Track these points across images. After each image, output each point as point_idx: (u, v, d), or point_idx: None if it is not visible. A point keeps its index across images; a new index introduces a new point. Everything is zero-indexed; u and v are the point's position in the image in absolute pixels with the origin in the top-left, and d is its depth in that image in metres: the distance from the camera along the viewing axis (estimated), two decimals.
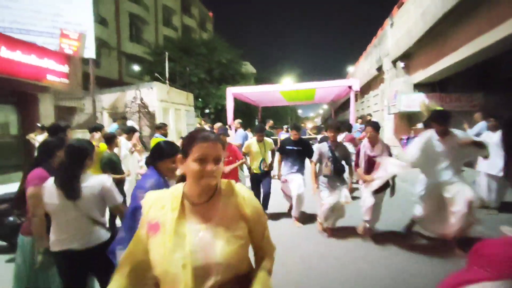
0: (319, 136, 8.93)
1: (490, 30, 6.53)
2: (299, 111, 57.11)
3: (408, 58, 11.17)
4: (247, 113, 22.62)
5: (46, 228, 1.97)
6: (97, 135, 4.40)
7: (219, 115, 19.63)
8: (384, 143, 3.72)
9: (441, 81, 10.74)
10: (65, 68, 8.15)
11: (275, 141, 7.57)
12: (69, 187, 1.82)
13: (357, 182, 5.25)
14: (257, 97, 11.67)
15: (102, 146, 4.16)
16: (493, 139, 4.60)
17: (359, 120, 10.14)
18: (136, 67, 22.01)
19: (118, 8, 20.92)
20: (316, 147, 4.16)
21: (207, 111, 21.53)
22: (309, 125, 14.13)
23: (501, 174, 4.51)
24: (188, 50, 18.85)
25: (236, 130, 7.26)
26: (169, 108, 14.04)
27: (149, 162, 1.92)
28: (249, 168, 4.72)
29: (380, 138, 3.78)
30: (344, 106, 22.46)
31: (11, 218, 3.66)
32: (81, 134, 8.99)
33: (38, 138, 6.13)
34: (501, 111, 10.34)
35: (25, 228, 2.14)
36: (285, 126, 14.17)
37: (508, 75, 10.79)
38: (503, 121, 1.09)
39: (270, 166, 4.70)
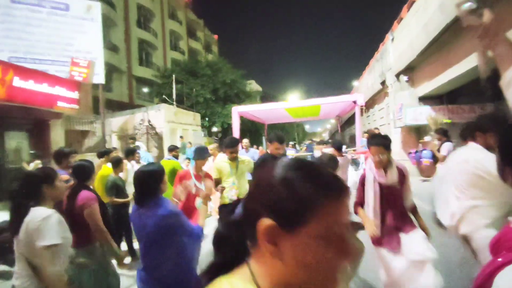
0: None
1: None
2: (306, 127, 57.18)
3: (412, 71, 11.17)
4: (253, 131, 22.79)
5: None
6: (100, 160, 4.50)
7: (226, 133, 19.87)
8: (398, 165, 2.30)
9: (450, 93, 10.64)
10: (75, 95, 8.47)
11: None
12: (11, 219, 1.61)
13: None
14: (262, 114, 11.77)
15: (107, 170, 4.23)
16: None
17: (365, 135, 10.06)
18: (145, 90, 22.73)
19: (128, 35, 21.86)
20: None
21: (214, 129, 21.83)
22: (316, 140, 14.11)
23: None
24: (194, 72, 19.42)
25: (247, 150, 7.26)
26: (177, 128, 14.27)
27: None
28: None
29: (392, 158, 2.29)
30: (350, 120, 22.40)
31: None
32: (91, 157, 9.20)
33: (31, 166, 5.48)
34: None
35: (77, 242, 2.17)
36: (290, 143, 14.14)
37: None
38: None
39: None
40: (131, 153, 5.00)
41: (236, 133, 9.15)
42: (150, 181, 1.82)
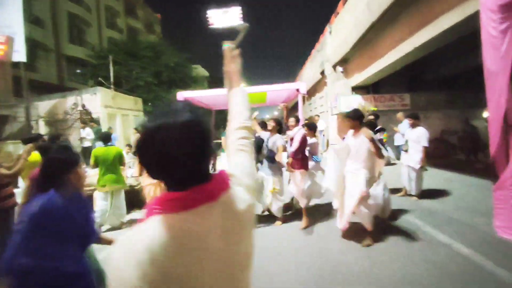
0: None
1: (410, 37, 7.39)
2: (255, 113, 58.14)
3: (346, 63, 12.19)
4: None
5: None
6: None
7: None
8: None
9: (375, 84, 11.92)
10: None
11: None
12: None
13: None
14: (209, 100, 11.71)
15: (36, 157, 3.97)
16: (412, 135, 5.34)
17: (306, 121, 10.82)
18: (79, 71, 20.57)
19: (55, 8, 19.39)
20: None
21: None
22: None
23: (418, 166, 5.26)
24: (133, 53, 18.22)
25: None
26: (116, 114, 13.44)
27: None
28: None
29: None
30: (295, 107, 23.48)
31: None
32: (13, 146, 8.26)
33: None
34: (427, 109, 11.81)
35: None
36: None
37: (431, 76, 12.40)
38: None
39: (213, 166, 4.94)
40: (107, 138, 4.86)
41: None
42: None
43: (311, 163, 4.58)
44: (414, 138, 5.28)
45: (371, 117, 5.40)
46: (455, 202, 5.16)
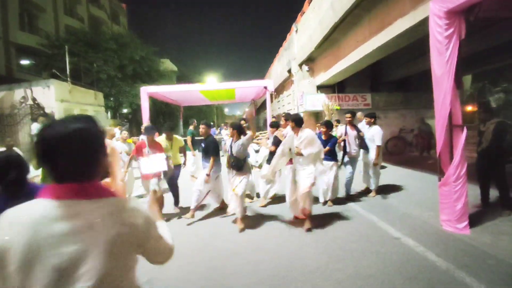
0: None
1: (370, 39, 7.67)
2: (226, 110, 57.45)
3: (312, 62, 12.43)
4: (168, 112, 21.78)
5: None
6: None
7: (136, 115, 18.41)
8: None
9: (340, 83, 12.29)
10: None
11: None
12: None
13: None
14: (177, 96, 11.34)
15: None
16: (368, 134, 5.58)
17: (273, 119, 10.86)
18: (30, 61, 18.86)
19: None
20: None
21: (125, 110, 19.93)
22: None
23: (371, 163, 5.51)
24: (95, 44, 17.10)
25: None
26: (73, 109, 12.54)
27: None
28: None
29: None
30: (264, 105, 23.59)
31: None
32: None
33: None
34: (386, 109, 12.40)
35: None
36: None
37: (389, 77, 13.04)
38: None
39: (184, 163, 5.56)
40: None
41: (145, 115, 8.61)
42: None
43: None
44: (369, 136, 5.52)
45: (348, 115, 5.59)
46: (408, 197, 5.48)
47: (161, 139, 5.26)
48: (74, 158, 0.86)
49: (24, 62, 18.35)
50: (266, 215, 4.72)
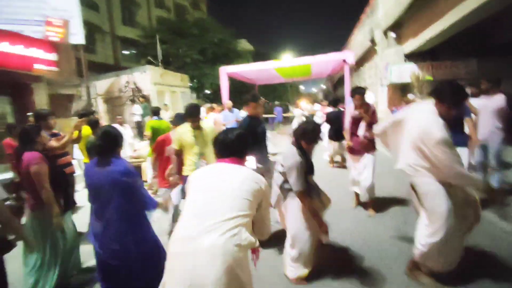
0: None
1: None
2: (301, 87, 55.97)
3: (399, 28, 10.95)
4: (245, 92, 22.54)
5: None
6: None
7: (217, 95, 19.66)
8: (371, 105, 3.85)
9: (432, 50, 10.57)
10: (53, 56, 8.27)
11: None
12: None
13: None
14: (252, 75, 11.58)
15: (87, 131, 4.41)
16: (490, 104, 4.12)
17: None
18: (132, 51, 21.94)
19: None
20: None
21: (207, 91, 21.52)
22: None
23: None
24: (180, 31, 18.68)
25: (230, 110, 7.18)
26: (165, 91, 14.17)
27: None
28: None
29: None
30: (342, 80, 22.20)
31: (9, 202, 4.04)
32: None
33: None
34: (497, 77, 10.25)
35: (32, 205, 2.45)
36: (276, 102, 14.28)
37: (504, 39, 10.55)
38: None
39: None
40: (157, 112, 5.52)
41: (225, 94, 9.13)
42: (113, 141, 2.07)
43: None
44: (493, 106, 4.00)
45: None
46: None
47: (184, 131, 3.30)
48: (237, 146, 1.64)
49: (126, 52, 21.40)
50: None
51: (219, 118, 6.70)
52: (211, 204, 1.37)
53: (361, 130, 3.70)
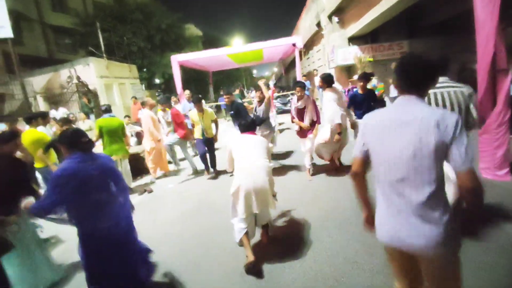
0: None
1: None
2: (254, 72, 56.28)
3: (342, 13, 11.64)
4: (199, 79, 22.03)
5: None
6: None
7: (169, 84, 18.91)
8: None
9: (372, 32, 11.50)
10: None
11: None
12: None
13: None
14: (205, 62, 11.44)
15: (37, 134, 4.17)
16: None
17: (304, 77, 10.65)
18: (67, 41, 19.83)
19: None
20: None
21: (157, 81, 20.56)
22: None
23: None
24: (122, 17, 17.37)
25: (190, 101, 7.25)
26: (112, 83, 13.33)
27: None
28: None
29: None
30: (293, 63, 22.90)
31: None
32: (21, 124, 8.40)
33: None
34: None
35: None
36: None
37: (428, 21, 11.88)
38: None
39: (215, 137, 5.57)
40: (108, 110, 5.11)
41: (178, 83, 8.96)
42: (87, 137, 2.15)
43: None
44: None
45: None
46: None
47: (193, 113, 5.46)
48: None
49: (64, 42, 19.32)
50: None
51: (179, 109, 6.67)
52: (253, 150, 2.75)
53: (306, 120, 4.54)
